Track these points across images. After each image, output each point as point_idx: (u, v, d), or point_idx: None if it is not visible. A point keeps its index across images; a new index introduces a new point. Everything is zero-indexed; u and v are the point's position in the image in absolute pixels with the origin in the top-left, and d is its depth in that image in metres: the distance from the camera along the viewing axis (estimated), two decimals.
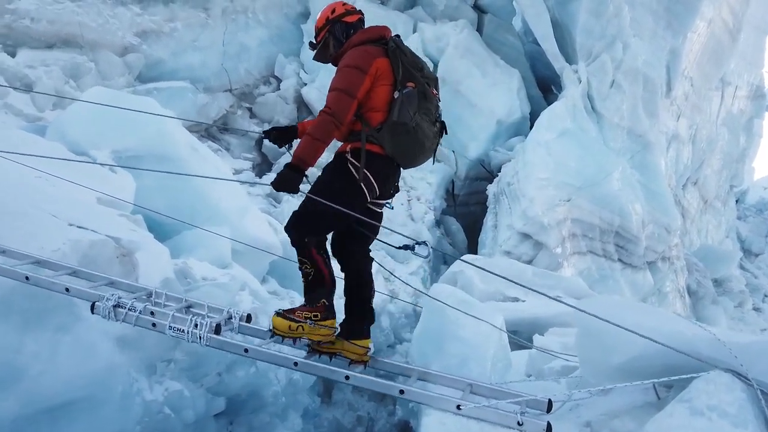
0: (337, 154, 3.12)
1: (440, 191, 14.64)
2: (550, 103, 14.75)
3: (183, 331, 3.02)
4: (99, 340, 4.53)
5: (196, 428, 5.76)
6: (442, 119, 3.19)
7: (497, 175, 13.86)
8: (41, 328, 4.05)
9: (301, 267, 3.09)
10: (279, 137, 3.43)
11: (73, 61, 12.43)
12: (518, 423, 2.69)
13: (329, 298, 3.12)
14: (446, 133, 3.23)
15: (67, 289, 3.30)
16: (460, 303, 3.67)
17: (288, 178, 2.92)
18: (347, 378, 2.92)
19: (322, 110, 2.99)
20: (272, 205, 12.33)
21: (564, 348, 4.85)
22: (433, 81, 3.14)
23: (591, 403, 3.06)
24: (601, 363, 2.93)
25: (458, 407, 2.75)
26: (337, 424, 8.88)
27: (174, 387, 5.35)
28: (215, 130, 14.89)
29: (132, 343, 4.91)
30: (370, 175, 3.03)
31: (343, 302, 3.25)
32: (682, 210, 18.28)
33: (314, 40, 3.33)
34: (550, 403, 2.90)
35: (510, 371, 3.86)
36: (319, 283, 3.09)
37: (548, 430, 2.68)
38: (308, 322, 3.06)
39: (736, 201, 26.85)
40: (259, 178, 12.62)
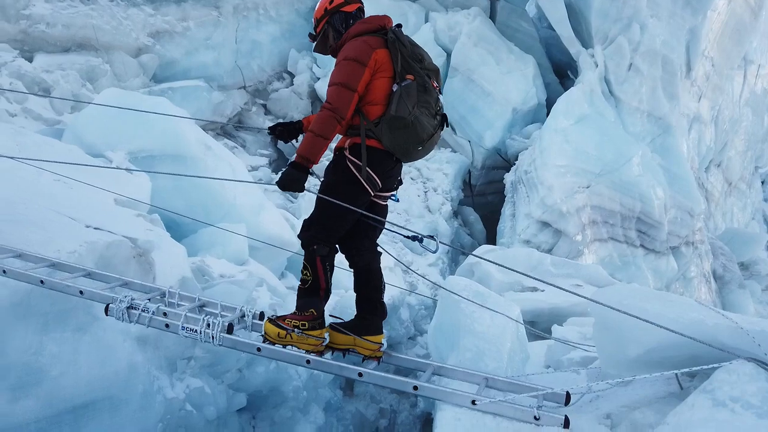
0: (336, 149, 3.08)
1: (457, 181, 14.55)
2: (566, 88, 14.54)
3: (196, 331, 3.02)
4: (118, 339, 4.58)
5: (219, 424, 5.81)
6: (443, 112, 3.12)
7: (514, 164, 13.72)
8: (60, 329, 4.10)
9: (302, 272, 3.08)
10: (284, 133, 3.41)
11: (89, 64, 12.59)
12: (535, 417, 2.64)
13: (319, 308, 3.09)
14: (447, 126, 3.16)
15: (81, 292, 3.33)
16: (475, 295, 3.61)
17: (293, 177, 2.89)
18: (360, 375, 2.90)
19: (323, 106, 2.95)
20: (289, 201, 12.38)
21: (583, 338, 4.78)
22: (434, 72, 3.07)
23: (611, 395, 3.00)
24: (619, 354, 2.86)
25: (473, 402, 2.71)
26: (360, 417, 8.90)
27: (195, 384, 5.41)
28: (231, 128, 14.98)
29: (151, 341, 4.96)
30: (370, 171, 2.98)
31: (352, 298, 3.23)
32: (705, 193, 17.93)
33: (314, 32, 3.28)
34: (568, 396, 2.84)
35: (528, 363, 3.81)
36: (314, 292, 3.06)
37: (566, 424, 2.62)
38: (296, 330, 3.04)
39: (762, 182, 26.19)
40: (276, 174, 12.66)
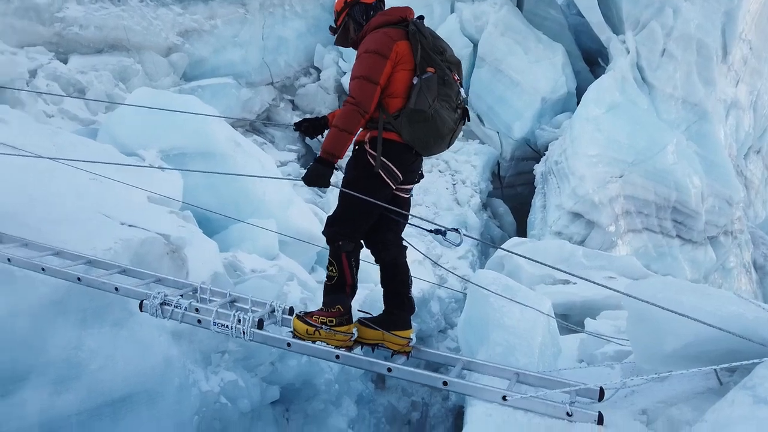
0: (356, 143, 3.07)
1: (486, 173, 14.41)
2: (597, 76, 14.24)
3: (227, 326, 3.06)
4: (154, 334, 4.70)
5: (253, 417, 5.91)
6: (465, 104, 3.08)
7: (544, 154, 13.52)
8: (98, 324, 4.23)
9: (327, 268, 3.09)
10: (310, 128, 3.41)
11: (121, 64, 12.86)
12: (567, 413, 2.59)
13: (345, 304, 3.09)
14: (468, 120, 3.12)
15: (116, 289, 3.41)
16: (504, 289, 3.57)
17: (318, 173, 2.89)
18: (389, 370, 2.90)
19: (346, 100, 2.94)
20: (318, 195, 12.47)
21: (617, 332, 4.69)
22: (456, 65, 3.02)
23: (646, 390, 2.93)
24: (655, 348, 2.79)
25: (504, 398, 2.68)
26: (392, 410, 8.94)
27: (229, 377, 5.51)
28: (259, 124, 15.14)
29: (186, 335, 5.07)
30: (390, 164, 2.97)
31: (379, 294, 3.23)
32: (744, 181, 17.38)
33: (334, 25, 3.27)
34: (602, 391, 2.78)
35: (560, 358, 3.75)
36: (340, 288, 3.07)
37: (599, 420, 2.57)
38: (324, 327, 3.06)
39: None
40: (304, 169, 12.75)
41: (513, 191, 15.27)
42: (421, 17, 3.11)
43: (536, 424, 2.63)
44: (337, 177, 3.05)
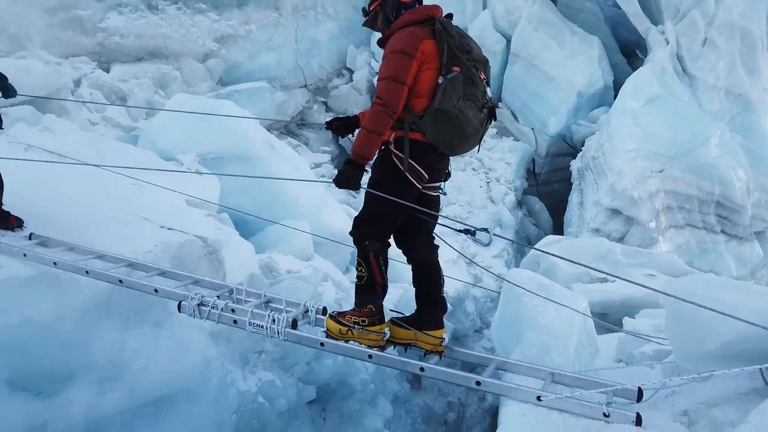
0: (381, 143, 3.06)
1: (520, 171, 14.24)
2: (635, 68, 13.89)
3: (262, 326, 3.12)
4: (193, 334, 4.81)
5: (290, 416, 5.99)
6: (491, 104, 3.04)
7: (581, 150, 13.28)
8: (140, 325, 4.36)
9: (357, 268, 3.10)
10: (341, 127, 3.44)
11: (160, 72, 13.23)
12: (604, 414, 2.54)
13: (377, 304, 3.10)
14: (495, 119, 3.08)
15: (156, 290, 3.51)
16: (538, 288, 3.52)
17: (349, 175, 2.91)
18: (422, 370, 2.89)
19: (374, 101, 2.95)
20: (351, 196, 12.53)
21: (656, 331, 4.57)
22: (482, 64, 2.98)
23: (687, 391, 2.84)
24: (695, 347, 2.71)
25: (538, 398, 2.64)
26: (428, 410, 8.92)
27: (266, 377, 5.60)
28: (294, 126, 15.34)
29: (224, 336, 5.18)
30: (415, 164, 2.96)
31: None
32: None
33: (367, 8, 3.25)
34: (641, 392, 2.71)
35: (597, 358, 3.68)
36: (371, 288, 3.07)
37: (638, 422, 2.51)
38: (356, 327, 3.07)
39: None
40: (338, 171, 12.85)
41: (549, 188, 15.04)
42: (449, 15, 3.08)
43: (572, 425, 2.59)
44: (368, 178, 3.07)
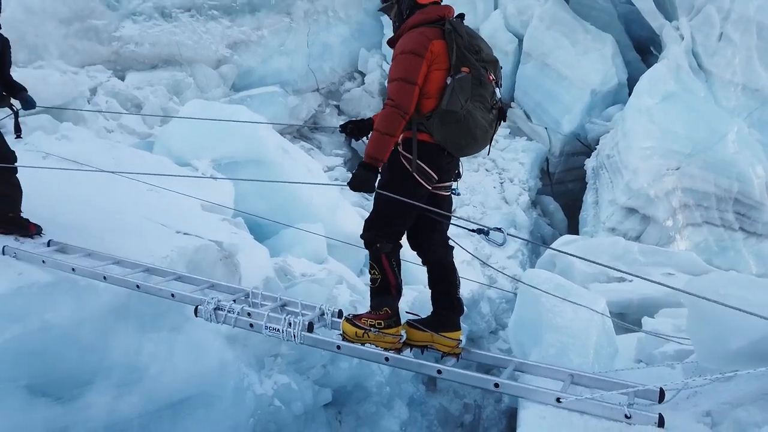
0: None
1: (534, 170, 14.15)
2: (649, 66, 13.75)
3: (278, 330, 3.12)
4: (209, 338, 4.83)
5: (307, 419, 6.00)
6: (501, 105, 3.01)
7: (595, 149, 13.17)
8: (157, 329, 4.39)
9: (370, 271, 3.09)
10: (355, 130, 3.43)
11: (174, 79, 13.36)
12: (626, 416, 2.50)
13: (392, 306, 3.08)
14: (504, 120, 3.05)
15: (172, 295, 3.53)
16: (556, 288, 3.48)
17: (362, 178, 2.90)
18: (439, 372, 2.87)
19: (385, 103, 2.94)
20: (365, 198, 12.52)
21: (677, 330, 4.50)
22: (492, 64, 2.96)
23: (710, 391, 2.79)
24: (718, 347, 2.66)
25: (558, 400, 2.60)
26: (444, 412, 8.88)
27: (282, 380, 5.61)
28: (306, 130, 15.41)
29: (240, 339, 5.20)
30: (424, 165, 2.94)
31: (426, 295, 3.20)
32: None
33: None
34: (662, 393, 2.66)
35: (617, 358, 3.63)
36: (385, 291, 3.06)
37: (660, 423, 2.47)
38: (372, 330, 3.05)
39: None
40: (351, 174, 12.89)
41: (563, 188, 14.93)
42: (460, 15, 3.06)
43: (593, 427, 2.55)
44: None
